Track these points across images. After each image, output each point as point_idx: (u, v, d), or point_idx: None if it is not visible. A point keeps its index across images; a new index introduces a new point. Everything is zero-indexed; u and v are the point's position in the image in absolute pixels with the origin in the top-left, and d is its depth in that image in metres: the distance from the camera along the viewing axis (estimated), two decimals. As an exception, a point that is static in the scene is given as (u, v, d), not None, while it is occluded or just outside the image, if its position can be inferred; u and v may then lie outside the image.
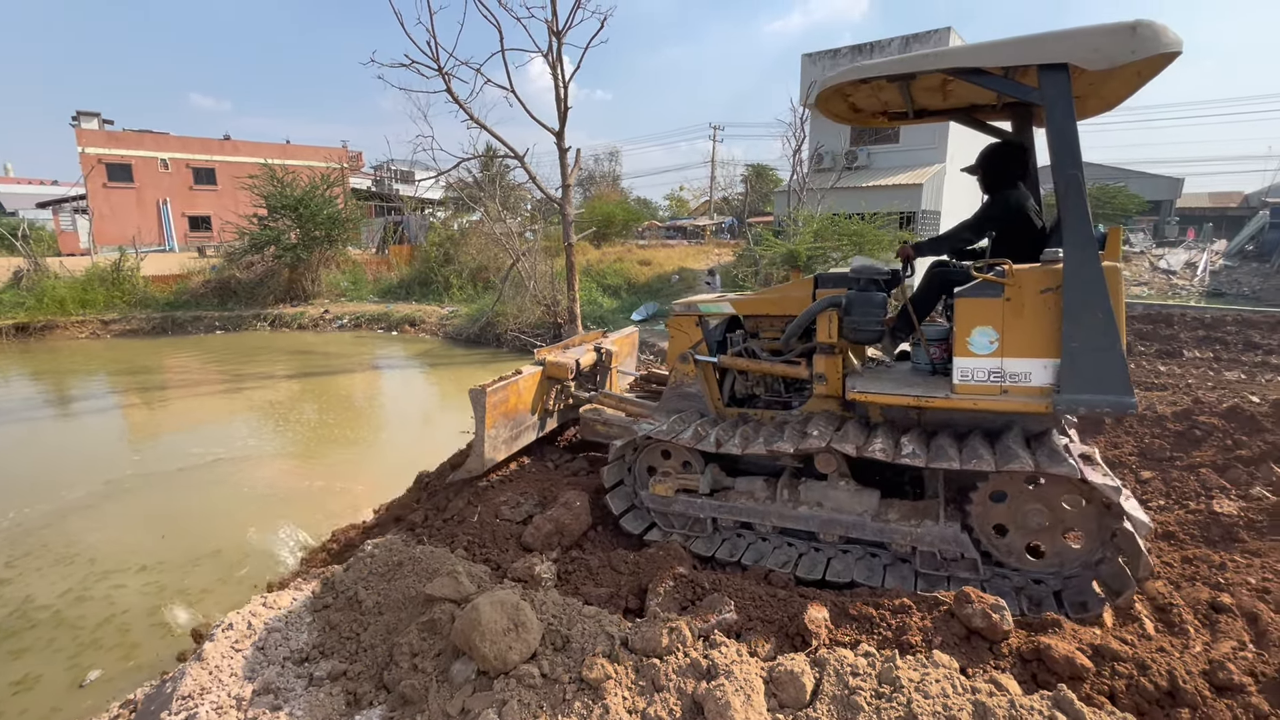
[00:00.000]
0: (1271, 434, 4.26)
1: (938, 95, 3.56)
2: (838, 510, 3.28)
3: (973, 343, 2.94)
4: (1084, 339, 2.71)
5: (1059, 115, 2.77)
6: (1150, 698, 2.14)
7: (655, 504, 3.65)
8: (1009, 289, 2.86)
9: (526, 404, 4.28)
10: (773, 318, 3.88)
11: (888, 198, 17.00)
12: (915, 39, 18.55)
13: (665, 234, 35.69)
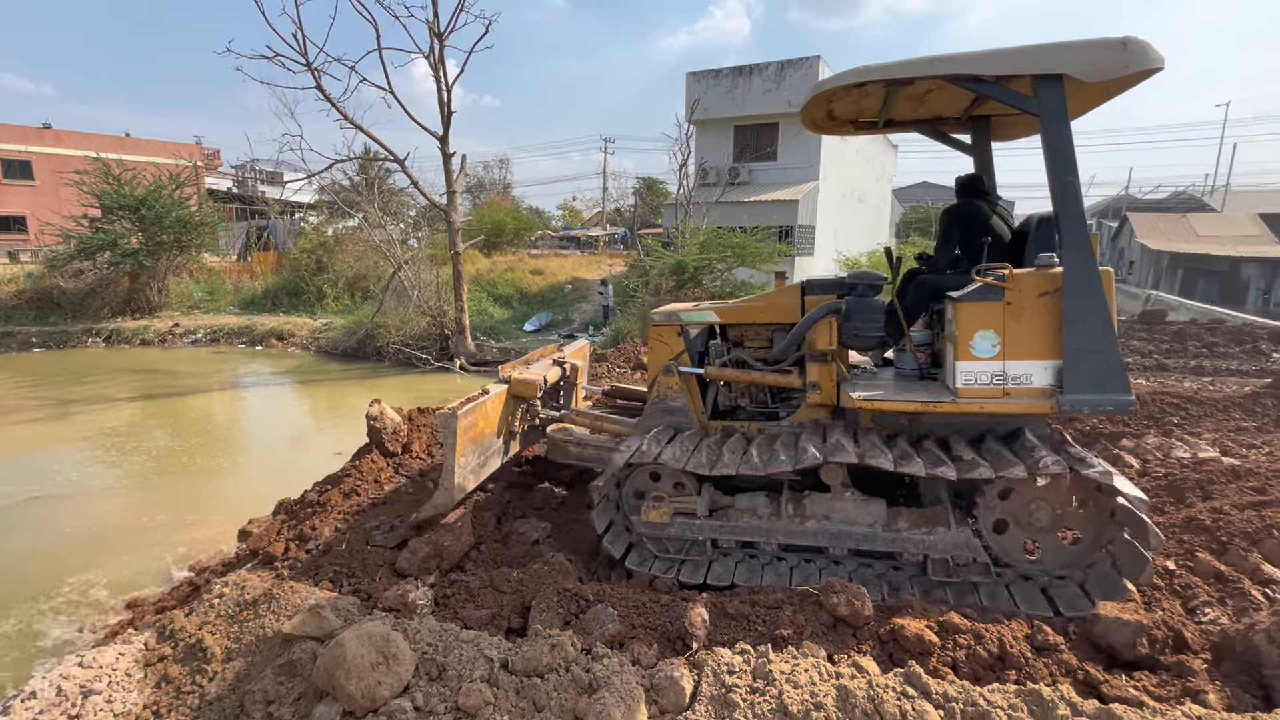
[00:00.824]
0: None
1: (914, 105, 3.68)
2: (846, 522, 3.20)
3: (975, 346, 2.97)
4: (1084, 341, 2.80)
5: (1054, 124, 2.86)
6: (985, 664, 2.38)
7: (647, 528, 3.43)
8: (1009, 293, 2.92)
9: (493, 427, 3.82)
10: (759, 326, 3.80)
11: (768, 212, 18.00)
12: (789, 64, 19.85)
13: (559, 244, 35.50)
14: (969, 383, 2.98)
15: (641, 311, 12.99)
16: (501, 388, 3.92)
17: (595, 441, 4.10)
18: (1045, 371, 2.90)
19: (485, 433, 3.72)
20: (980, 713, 2.01)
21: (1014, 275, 2.91)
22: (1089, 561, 2.97)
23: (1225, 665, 2.36)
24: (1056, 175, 2.87)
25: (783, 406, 3.81)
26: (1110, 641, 2.48)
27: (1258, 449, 4.49)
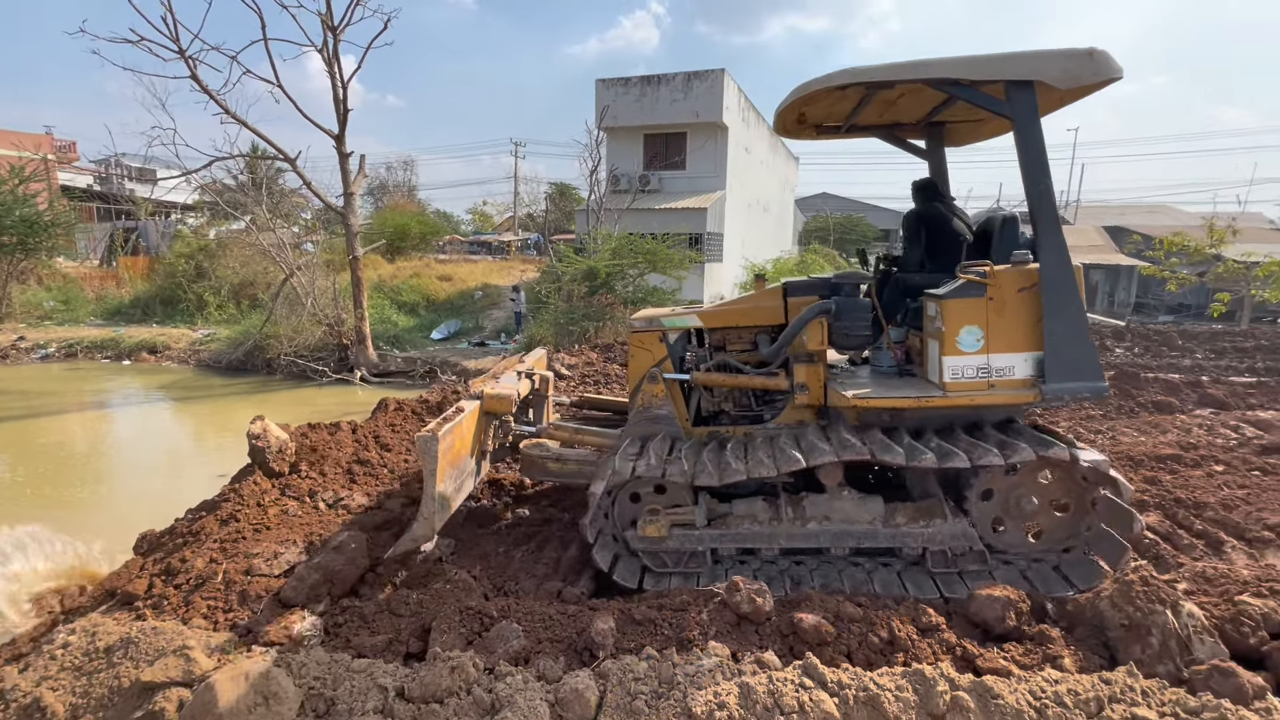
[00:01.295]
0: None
1: (880, 110, 3.78)
2: (847, 521, 3.22)
3: (961, 341, 3.06)
4: (1063, 332, 2.94)
5: (1027, 128, 2.99)
6: (876, 649, 2.51)
7: (645, 544, 3.30)
8: (991, 289, 3.01)
9: (468, 447, 3.56)
10: (741, 329, 3.78)
11: (677, 220, 18.36)
12: (696, 76, 20.38)
13: (468, 249, 34.53)
14: (956, 376, 3.07)
15: (554, 318, 12.86)
16: (473, 404, 3.62)
17: (576, 456, 3.92)
18: (1026, 363, 3.05)
19: (461, 454, 3.48)
20: (871, 696, 2.11)
21: (995, 272, 3.03)
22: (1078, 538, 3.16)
23: (1078, 631, 2.61)
24: (1031, 177, 3.01)
25: (767, 409, 3.79)
26: (984, 617, 2.69)
27: (1103, 434, 5.06)
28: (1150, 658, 2.35)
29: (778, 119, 3.80)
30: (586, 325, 11.94)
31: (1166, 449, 4.40)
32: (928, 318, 3.26)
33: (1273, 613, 2.42)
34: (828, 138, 4.24)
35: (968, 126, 4.05)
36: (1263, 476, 3.93)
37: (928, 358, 3.28)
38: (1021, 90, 2.96)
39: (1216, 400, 5.70)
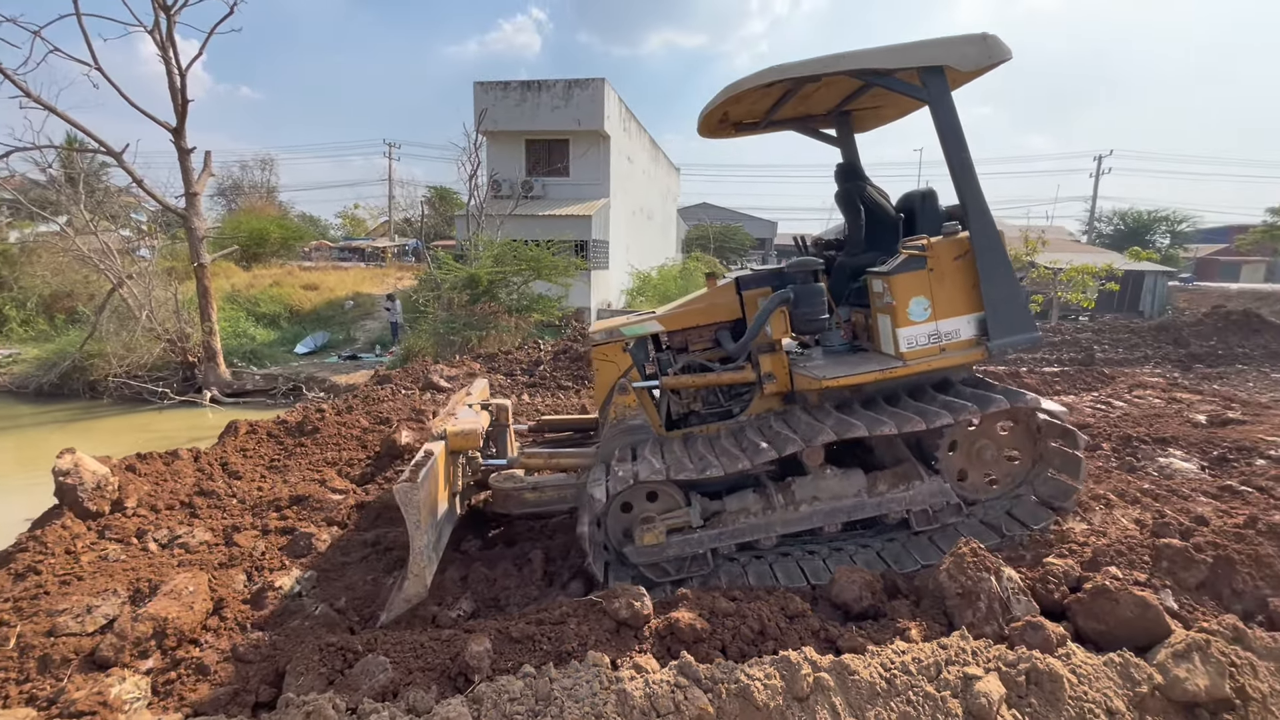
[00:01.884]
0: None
1: (797, 104, 3.90)
2: (835, 498, 3.29)
3: (911, 312, 3.24)
4: (999, 292, 3.19)
5: (942, 109, 3.19)
6: (749, 640, 2.62)
7: (646, 556, 3.22)
8: (930, 260, 3.20)
9: (442, 491, 3.33)
10: (702, 328, 3.75)
11: (561, 226, 18.29)
12: (577, 84, 20.45)
13: (338, 255, 32.21)
14: (911, 346, 3.26)
15: (433, 328, 12.31)
16: (439, 445, 3.38)
17: (554, 482, 3.76)
18: (970, 325, 3.29)
19: (438, 500, 3.24)
20: (742, 688, 2.19)
21: (932, 244, 3.23)
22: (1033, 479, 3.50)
23: (925, 603, 2.88)
24: (951, 153, 3.24)
25: (735, 403, 3.79)
26: (844, 599, 2.89)
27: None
28: (979, 620, 2.64)
29: (703, 120, 3.86)
30: (468, 335, 11.53)
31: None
32: (875, 294, 3.46)
33: (1070, 570, 2.81)
34: (746, 134, 4.31)
35: (872, 112, 4.27)
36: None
37: (879, 332, 3.48)
38: (934, 74, 3.21)
39: (1031, 389, 6.60)
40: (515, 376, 8.55)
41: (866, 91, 3.74)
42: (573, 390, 7.88)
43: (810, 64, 3.24)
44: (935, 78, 3.21)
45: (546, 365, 8.93)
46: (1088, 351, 10.63)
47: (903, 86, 3.32)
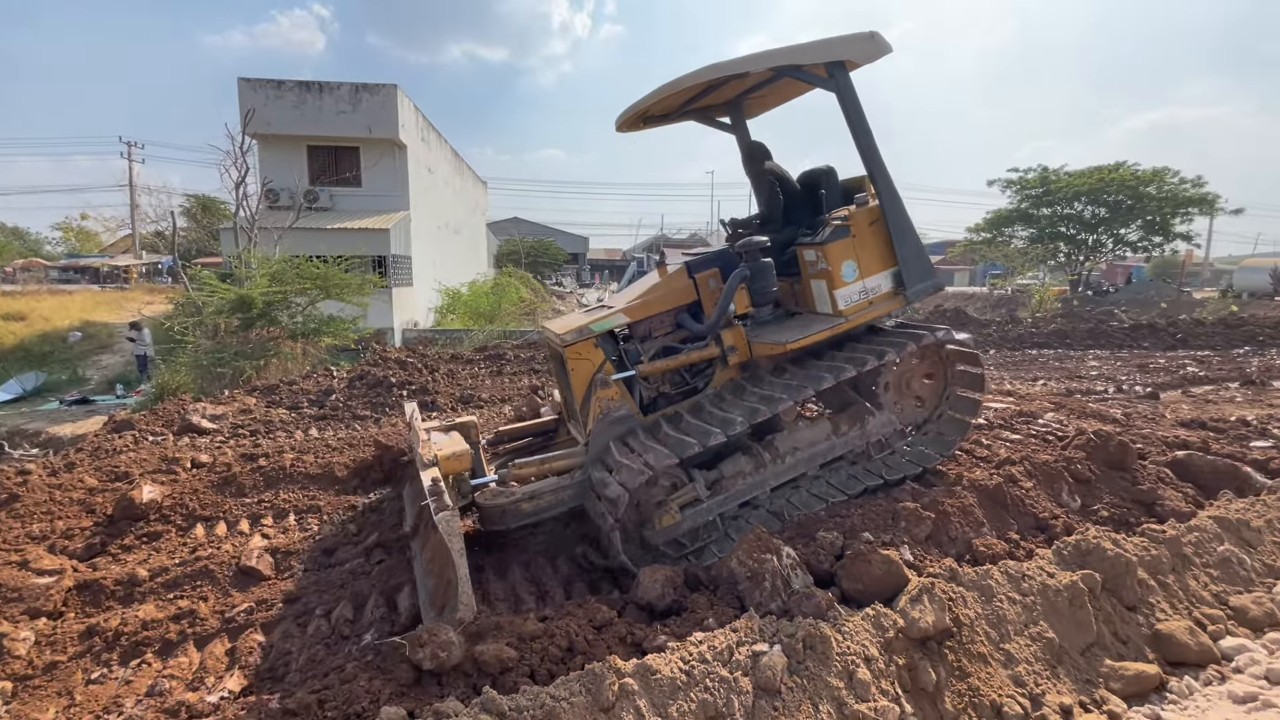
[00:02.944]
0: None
1: (711, 96, 4.31)
2: (811, 445, 3.76)
3: (844, 274, 3.74)
4: (907, 248, 3.79)
5: (847, 96, 3.72)
6: (558, 659, 2.58)
7: (665, 536, 3.49)
8: (853, 229, 3.74)
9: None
10: (664, 314, 3.96)
11: (354, 241, 16.80)
12: (366, 89, 19.03)
13: (57, 276, 26.10)
14: (847, 303, 3.78)
15: (195, 359, 10.48)
16: (431, 471, 3.21)
17: (549, 487, 3.65)
18: (887, 279, 3.88)
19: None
20: (548, 711, 2.13)
21: (853, 214, 3.78)
22: (949, 397, 4.24)
23: (721, 590, 3.09)
24: (858, 134, 3.78)
25: (699, 379, 4.03)
26: (648, 599, 2.99)
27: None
28: (766, 598, 2.89)
29: (628, 115, 4.21)
30: (241, 365, 10.01)
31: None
32: (809, 263, 3.93)
33: (835, 540, 3.21)
34: (654, 126, 4.66)
35: (758, 101, 4.75)
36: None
37: (814, 295, 3.97)
38: (838, 67, 3.73)
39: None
40: (301, 409, 7.60)
41: (772, 83, 4.26)
42: (371, 420, 7.22)
43: (741, 62, 3.67)
44: (839, 70, 3.75)
45: (340, 394, 8.09)
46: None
47: (814, 79, 3.87)
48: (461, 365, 10.47)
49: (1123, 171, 27.36)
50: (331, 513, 4.53)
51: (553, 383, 8.52)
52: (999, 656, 2.61)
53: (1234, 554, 3.25)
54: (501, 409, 7.60)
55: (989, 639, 2.66)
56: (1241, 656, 2.67)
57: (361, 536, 4.10)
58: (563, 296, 37.41)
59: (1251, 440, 5.39)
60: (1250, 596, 3.02)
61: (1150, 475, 4.03)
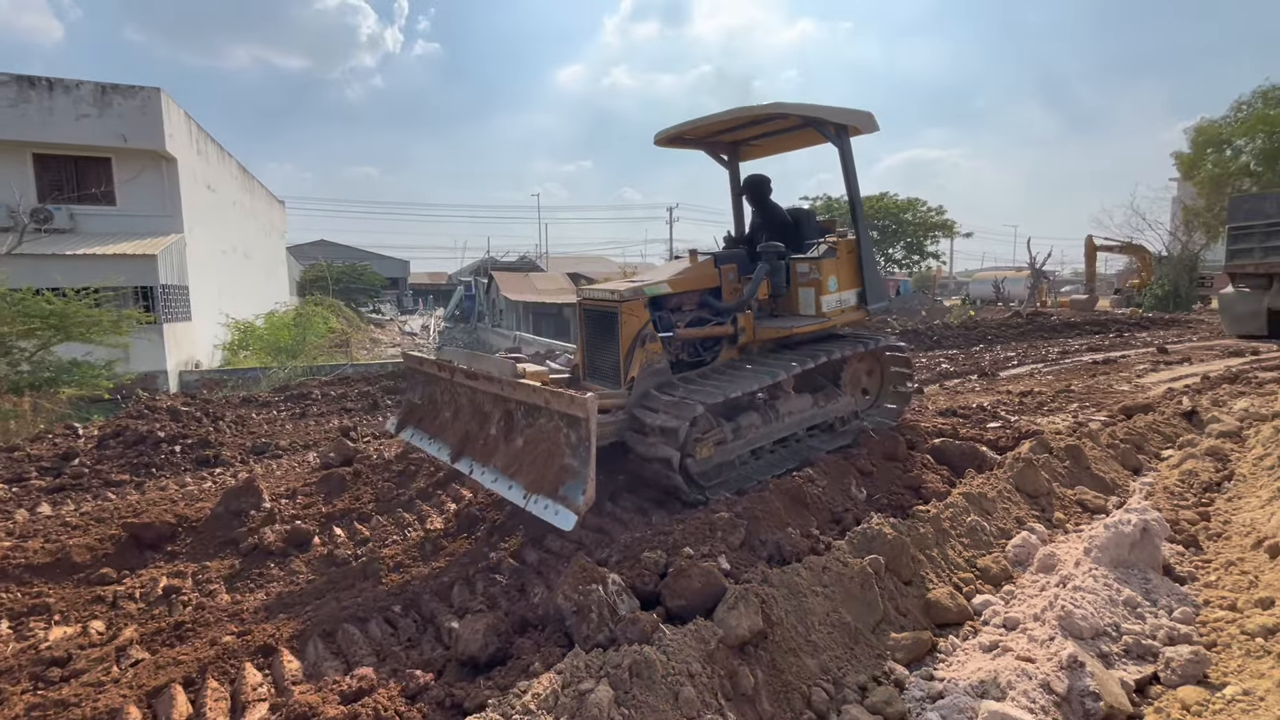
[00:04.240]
0: (455, 455, 5.64)
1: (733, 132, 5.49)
2: (800, 411, 4.78)
3: (829, 286, 4.94)
4: (871, 275, 5.16)
5: (846, 155, 5.02)
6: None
7: (702, 467, 4.19)
8: (839, 253, 5.04)
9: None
10: (694, 292, 4.72)
11: (107, 269, 14.04)
12: (120, 90, 16.23)
13: None
14: (830, 308, 4.95)
15: None
16: (537, 370, 4.10)
17: (608, 420, 4.11)
18: (854, 296, 5.16)
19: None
20: (345, 811, 1.86)
21: (838, 242, 5.05)
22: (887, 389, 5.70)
23: (548, 630, 2.97)
24: (849, 183, 5.12)
25: (708, 354, 4.85)
26: (471, 652, 2.78)
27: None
28: (593, 630, 2.83)
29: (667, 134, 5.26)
30: (-65, 431, 7.77)
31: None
32: (801, 274, 5.02)
33: (659, 559, 3.26)
34: (680, 148, 5.74)
35: (758, 147, 5.94)
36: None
37: (800, 300, 5.07)
38: (842, 129, 5.01)
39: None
40: (27, 481, 6.07)
41: (786, 132, 5.40)
42: (131, 485, 5.98)
43: (780, 105, 4.76)
44: (843, 131, 5.01)
45: (86, 457, 6.61)
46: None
47: (827, 132, 4.99)
48: (256, 409, 9.18)
49: (886, 200, 32.50)
50: (68, 610, 3.64)
51: (367, 421, 7.80)
52: (807, 648, 2.82)
53: (978, 523, 3.88)
54: (305, 456, 6.76)
55: (798, 633, 2.86)
56: (987, 610, 3.18)
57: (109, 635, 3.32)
58: (381, 325, 34.80)
59: (988, 423, 6.56)
60: (991, 557, 3.61)
61: (917, 463, 4.71)
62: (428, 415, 4.74)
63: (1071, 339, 16.86)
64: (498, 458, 3.84)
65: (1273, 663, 2.35)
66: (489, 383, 3.98)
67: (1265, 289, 15.13)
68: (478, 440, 4.08)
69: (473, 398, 4.26)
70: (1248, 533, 3.53)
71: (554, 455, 3.45)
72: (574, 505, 3.25)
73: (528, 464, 3.61)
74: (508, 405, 3.89)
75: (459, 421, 4.33)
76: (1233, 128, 29.56)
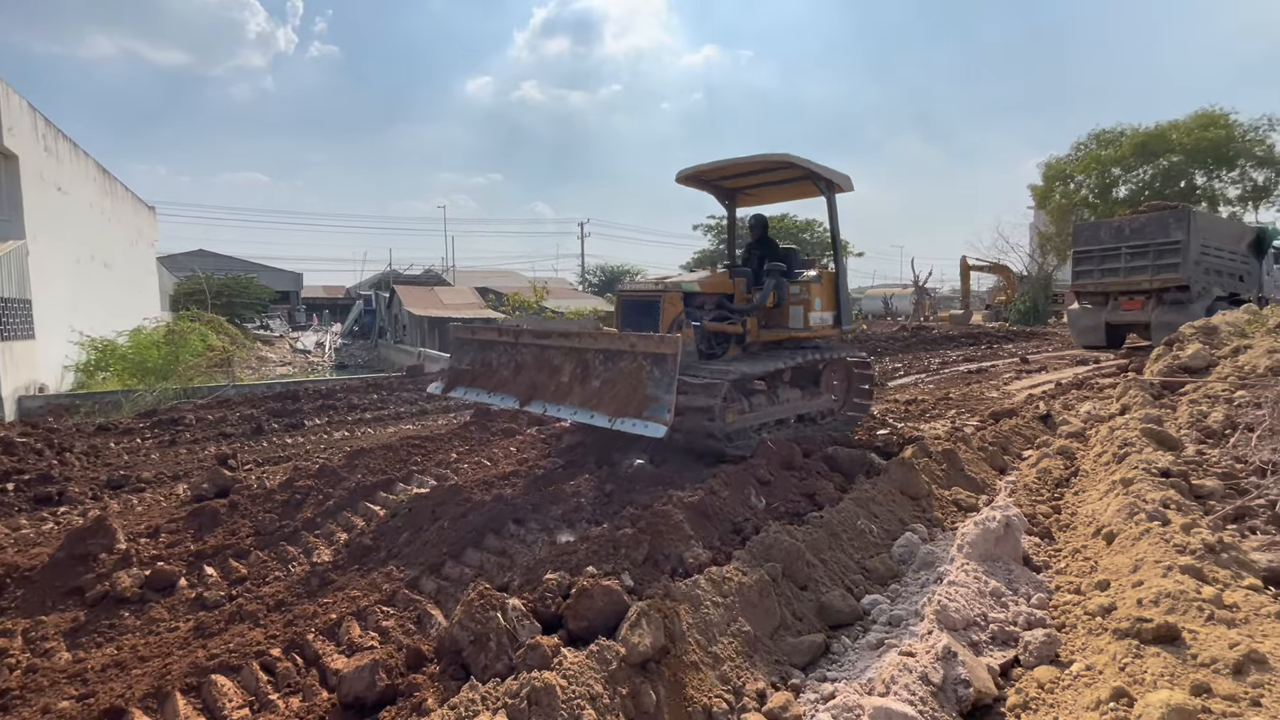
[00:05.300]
0: (347, 481, 5.30)
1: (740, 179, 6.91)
2: (793, 400, 6.03)
3: (815, 305, 6.21)
4: (844, 301, 6.42)
5: (833, 207, 6.42)
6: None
7: (727, 429, 5.22)
8: (823, 280, 6.35)
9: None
10: (713, 295, 6.00)
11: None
12: (-57, 77, 14.12)
13: None
14: (816, 323, 6.24)
15: None
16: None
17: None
18: (829, 316, 6.42)
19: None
20: None
21: (824, 272, 6.48)
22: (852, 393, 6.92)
23: (445, 662, 2.83)
24: (833, 227, 6.52)
25: (718, 348, 5.93)
26: (356, 693, 2.60)
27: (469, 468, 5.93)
28: (492, 659, 2.73)
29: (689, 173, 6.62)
30: None
31: (509, 467, 5.52)
32: (793, 294, 6.28)
33: (563, 580, 3.20)
34: (697, 188, 7.16)
35: (751, 196, 7.44)
36: (563, 473, 5.39)
37: (790, 315, 6.30)
38: (832, 185, 6.39)
39: (539, 419, 7.62)
40: None
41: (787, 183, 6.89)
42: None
43: (789, 157, 5.97)
44: (833, 187, 6.40)
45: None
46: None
47: (818, 184, 6.39)
48: (114, 438, 8.22)
49: (787, 221, 34.24)
50: None
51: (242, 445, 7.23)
52: (708, 660, 2.85)
53: (868, 525, 4.12)
54: (173, 489, 6.11)
55: (699, 645, 2.89)
56: (876, 609, 3.36)
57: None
58: (271, 342, 32.35)
59: (878, 430, 7.01)
60: (878, 558, 3.84)
61: (812, 470, 4.94)
62: (481, 375, 5.62)
63: (950, 350, 18.43)
64: (573, 397, 4.72)
65: (1109, 639, 2.63)
66: (564, 338, 5.02)
67: (1103, 305, 17.30)
68: (548, 387, 4.94)
69: (539, 355, 5.19)
70: (1090, 522, 3.96)
71: (636, 388, 4.38)
72: (662, 420, 4.19)
73: (608, 398, 4.49)
74: (583, 355, 4.84)
75: (523, 375, 5.22)
76: (1074, 165, 33.80)
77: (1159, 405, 6.24)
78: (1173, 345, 8.93)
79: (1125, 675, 2.38)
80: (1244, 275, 17.15)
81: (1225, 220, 21.76)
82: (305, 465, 6.25)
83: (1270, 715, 2.03)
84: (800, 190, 7.01)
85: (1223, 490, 4.03)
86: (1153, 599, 2.69)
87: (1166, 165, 30.92)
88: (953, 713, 2.53)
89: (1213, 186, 31.50)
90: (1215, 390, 5.99)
